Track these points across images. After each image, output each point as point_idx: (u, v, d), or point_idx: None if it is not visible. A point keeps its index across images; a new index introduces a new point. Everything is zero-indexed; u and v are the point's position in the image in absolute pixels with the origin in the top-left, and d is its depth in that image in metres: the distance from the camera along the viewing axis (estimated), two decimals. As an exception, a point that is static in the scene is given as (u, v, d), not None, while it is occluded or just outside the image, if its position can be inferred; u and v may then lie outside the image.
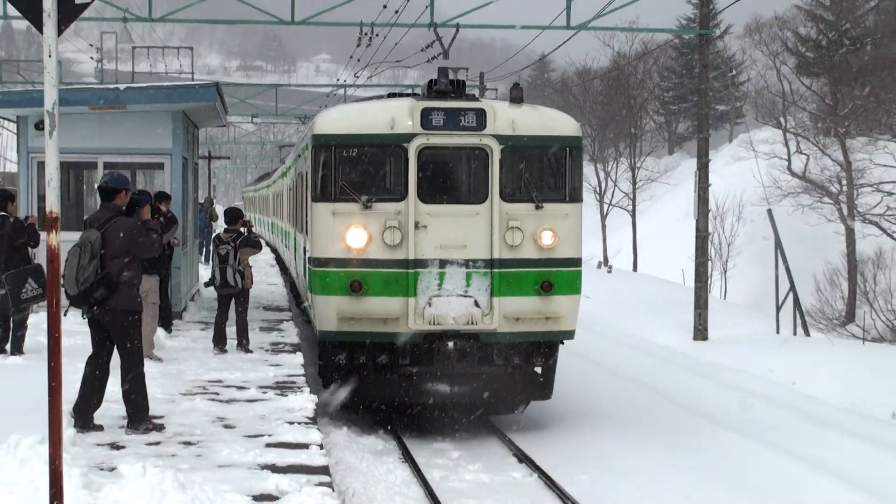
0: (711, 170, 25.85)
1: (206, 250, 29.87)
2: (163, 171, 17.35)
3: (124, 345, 9.75)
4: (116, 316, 9.64)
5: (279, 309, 20.87)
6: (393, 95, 14.47)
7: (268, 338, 16.36)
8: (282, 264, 30.05)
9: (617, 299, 31.05)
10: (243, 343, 14.90)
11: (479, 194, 12.59)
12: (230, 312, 14.98)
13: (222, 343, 14.80)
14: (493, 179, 12.51)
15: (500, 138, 12.51)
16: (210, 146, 55.04)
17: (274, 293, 24.28)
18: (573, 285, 12.86)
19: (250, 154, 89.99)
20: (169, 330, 15.52)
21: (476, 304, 12.42)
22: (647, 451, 12.62)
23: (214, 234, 16.74)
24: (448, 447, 12.59)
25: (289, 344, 15.80)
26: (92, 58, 48.46)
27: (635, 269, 48.54)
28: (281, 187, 26.61)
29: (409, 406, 13.08)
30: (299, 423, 10.38)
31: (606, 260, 50.72)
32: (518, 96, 12.98)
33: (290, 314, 19.98)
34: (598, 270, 42.06)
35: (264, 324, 17.98)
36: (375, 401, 12.97)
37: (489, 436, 13.23)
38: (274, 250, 36.08)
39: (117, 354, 9.86)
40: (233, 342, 14.89)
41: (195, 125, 21.17)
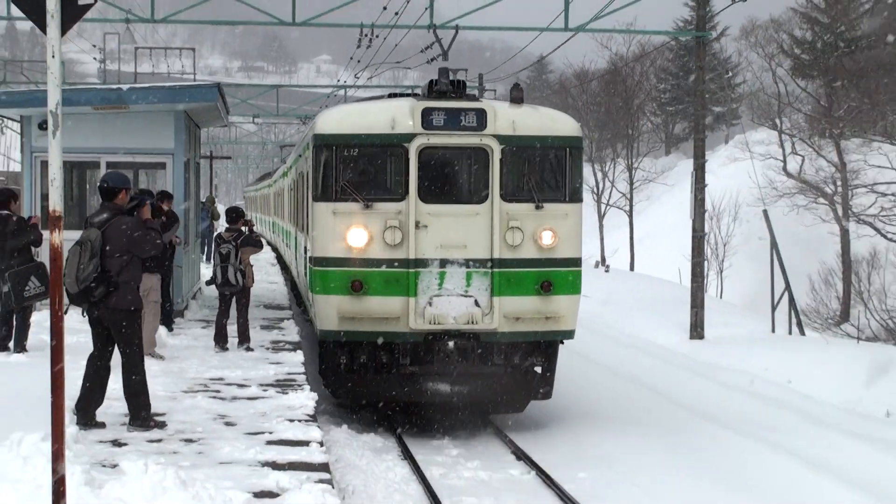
0: (708, 170, 25.90)
1: (208, 249, 29.92)
2: (165, 171, 17.39)
3: (124, 343, 9.77)
4: (116, 314, 9.66)
5: (280, 307, 20.91)
6: (394, 95, 14.43)
7: (268, 336, 16.41)
8: (283, 263, 30.06)
9: (614, 299, 31.07)
10: (244, 341, 14.93)
11: (480, 194, 12.57)
12: (231, 311, 15.01)
13: (223, 341, 14.84)
14: (494, 179, 12.49)
15: (501, 138, 12.49)
16: (212, 146, 55.01)
17: (275, 292, 24.30)
18: (573, 285, 12.84)
19: (251, 154, 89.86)
20: (170, 328, 15.57)
21: (476, 304, 12.40)
22: (647, 450, 12.63)
23: (216, 233, 16.80)
24: (447, 445, 12.61)
25: (289, 342, 15.84)
26: (95, 58, 48.43)
27: (632, 269, 48.57)
28: (282, 187, 26.57)
29: (410, 405, 13.09)
30: (300, 421, 10.41)
31: (604, 260, 50.77)
32: (518, 96, 12.97)
33: (291, 313, 20.01)
34: (596, 270, 42.08)
35: (265, 322, 18.03)
36: (376, 400, 12.96)
37: (488, 434, 13.25)
38: (275, 249, 36.11)
39: (118, 352, 9.88)
40: (234, 340, 14.93)
41: (197, 125, 21.21)
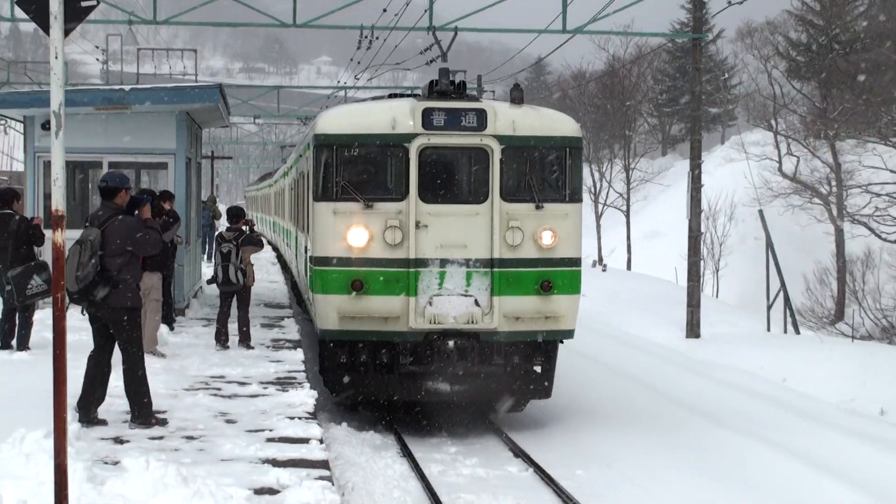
0: (704, 171, 25.96)
1: (209, 248, 30.01)
2: (167, 171, 17.44)
3: (124, 341, 9.82)
4: (116, 313, 9.72)
5: (280, 306, 20.97)
6: (394, 96, 14.39)
7: (269, 334, 16.48)
8: (283, 262, 30.13)
9: (611, 297, 31.12)
10: (245, 340, 15.00)
11: (480, 194, 12.57)
12: (232, 309, 15.06)
13: (224, 339, 14.90)
14: (494, 179, 12.49)
15: (501, 138, 12.49)
16: (213, 146, 55.10)
17: (275, 291, 24.37)
18: (573, 285, 12.84)
19: (252, 154, 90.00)
20: (172, 326, 15.61)
21: (476, 304, 12.40)
22: (646, 449, 12.67)
23: (217, 233, 16.89)
24: (446, 442, 12.67)
25: (289, 340, 15.89)
26: (97, 59, 48.44)
27: (629, 268, 48.70)
28: (282, 187, 26.56)
29: (410, 405, 13.12)
30: (300, 419, 10.46)
31: (601, 259, 50.89)
32: (518, 97, 12.96)
33: (291, 311, 20.06)
34: (593, 269, 42.17)
35: (265, 320, 18.10)
36: (376, 399, 12.97)
37: (487, 432, 13.28)
38: (275, 249, 36.16)
39: (119, 350, 9.93)
40: (234, 339, 14.98)
41: (198, 126, 21.29)
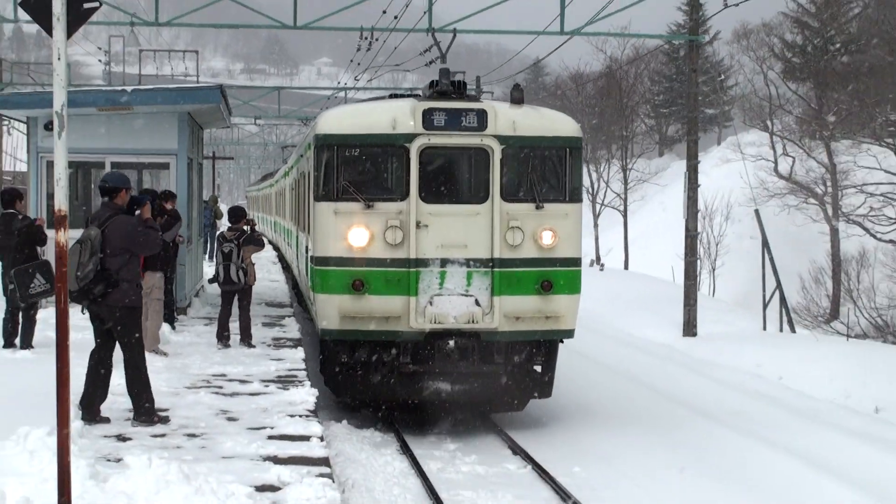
0: (700, 171, 26.06)
1: (210, 248, 30.09)
2: (168, 171, 17.53)
3: (125, 339, 9.89)
4: (116, 312, 9.78)
5: (281, 305, 21.06)
6: (395, 96, 14.42)
7: (270, 333, 16.57)
8: (284, 262, 30.21)
9: (609, 297, 31.14)
10: (246, 338, 15.09)
11: (480, 194, 12.59)
12: (233, 308, 15.13)
13: (226, 338, 14.98)
14: (494, 179, 12.51)
15: (501, 138, 12.52)
16: (214, 147, 55.18)
17: (276, 290, 24.45)
18: (573, 285, 12.86)
19: (253, 154, 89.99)
20: (174, 325, 15.68)
21: (477, 303, 12.43)
22: (644, 447, 12.71)
23: (218, 232, 16.98)
24: (445, 440, 12.73)
25: (290, 339, 15.98)
26: (100, 60, 48.55)
27: (626, 268, 48.73)
28: (283, 187, 26.58)
29: (410, 404, 13.14)
30: (300, 416, 10.54)
31: (599, 258, 50.95)
32: (519, 97, 12.98)
33: (292, 310, 20.15)
34: (591, 269, 42.21)
35: (266, 319, 18.19)
36: (376, 399, 12.99)
37: (486, 430, 13.34)
38: (276, 248, 36.24)
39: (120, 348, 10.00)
40: (236, 337, 15.07)
41: (200, 126, 21.38)
